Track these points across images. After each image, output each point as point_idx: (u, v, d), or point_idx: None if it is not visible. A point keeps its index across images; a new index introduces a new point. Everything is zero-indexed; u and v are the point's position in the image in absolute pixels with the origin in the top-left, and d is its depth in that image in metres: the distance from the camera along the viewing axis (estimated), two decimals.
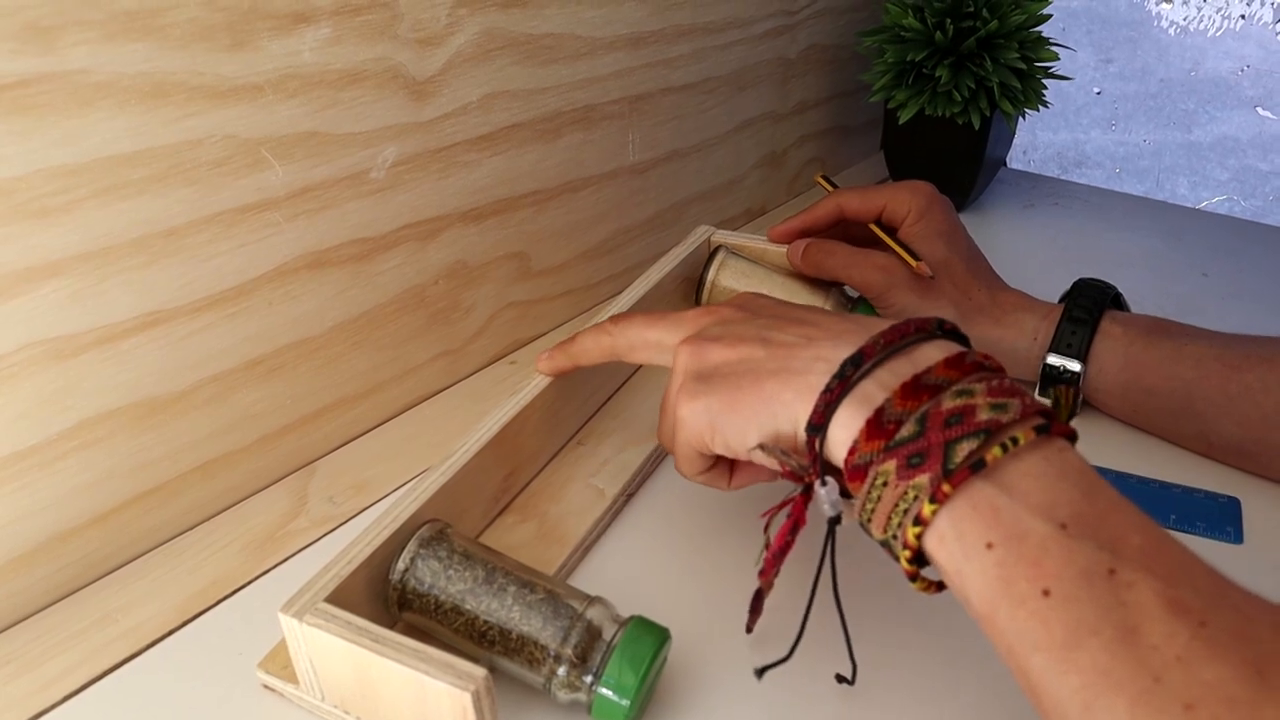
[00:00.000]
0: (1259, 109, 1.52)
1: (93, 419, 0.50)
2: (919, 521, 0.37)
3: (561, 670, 0.43)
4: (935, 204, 0.70)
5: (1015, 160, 1.14)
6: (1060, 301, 0.67)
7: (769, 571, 0.46)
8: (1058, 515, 0.35)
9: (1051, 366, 0.64)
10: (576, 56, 0.69)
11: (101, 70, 0.45)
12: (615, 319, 0.53)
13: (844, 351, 0.42)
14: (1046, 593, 0.33)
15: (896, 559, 0.39)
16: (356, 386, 0.63)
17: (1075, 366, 0.64)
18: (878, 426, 0.38)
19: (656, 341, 0.51)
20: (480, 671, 0.38)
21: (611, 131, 0.75)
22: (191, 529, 0.56)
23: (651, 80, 0.77)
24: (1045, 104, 0.94)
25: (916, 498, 0.37)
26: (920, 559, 0.38)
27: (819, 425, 0.40)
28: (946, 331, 0.43)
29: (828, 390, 0.40)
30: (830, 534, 0.43)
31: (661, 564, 0.54)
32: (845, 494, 0.42)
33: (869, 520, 0.39)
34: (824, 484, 0.42)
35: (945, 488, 0.36)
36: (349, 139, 0.57)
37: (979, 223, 1.00)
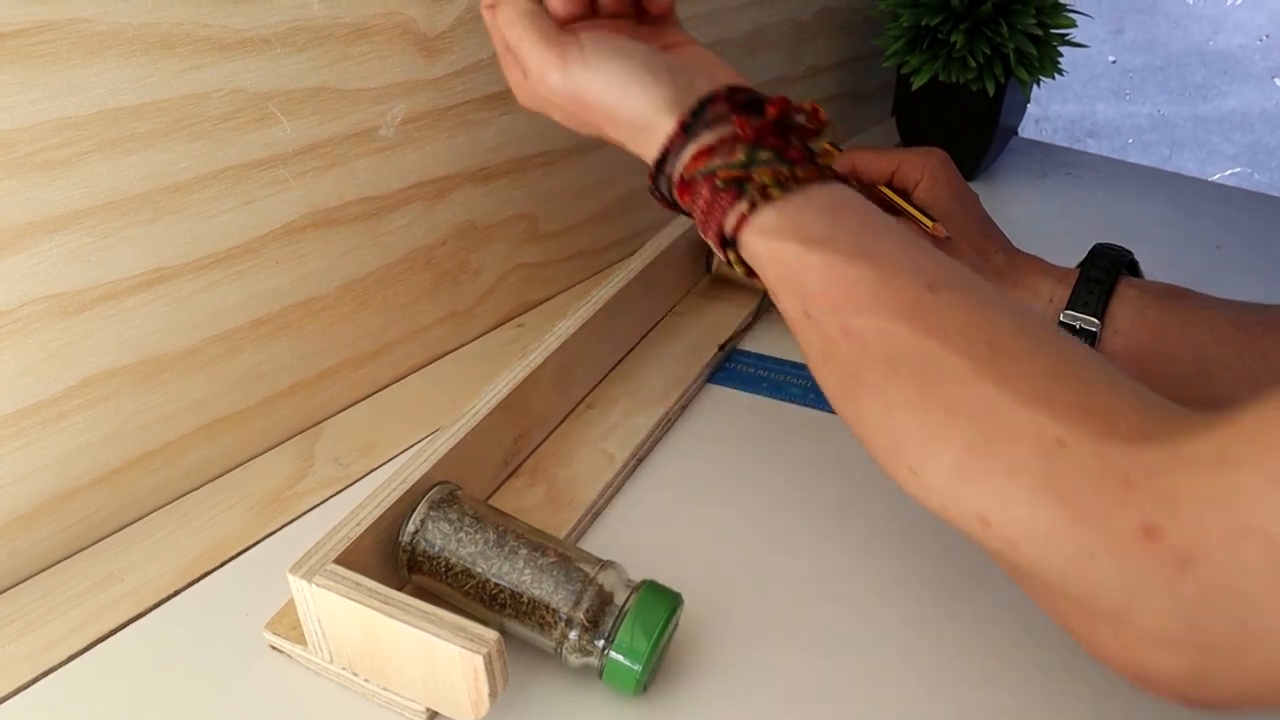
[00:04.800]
0: (1277, 80, 1.50)
1: (97, 376, 0.49)
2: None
3: (573, 634, 0.42)
4: (949, 169, 0.69)
5: (1027, 130, 1.13)
6: (1077, 267, 0.66)
7: None
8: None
9: (1067, 326, 0.64)
10: None
11: (105, 19, 0.44)
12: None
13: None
14: None
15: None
16: (363, 347, 0.62)
17: (1092, 325, 0.63)
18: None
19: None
20: (492, 634, 0.38)
21: None
22: (197, 489, 0.56)
23: None
24: (1061, 71, 0.93)
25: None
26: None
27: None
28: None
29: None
30: None
31: (671, 529, 0.54)
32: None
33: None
34: None
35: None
36: (358, 95, 0.56)
37: (991, 191, 0.99)
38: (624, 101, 0.45)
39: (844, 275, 0.39)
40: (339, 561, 0.41)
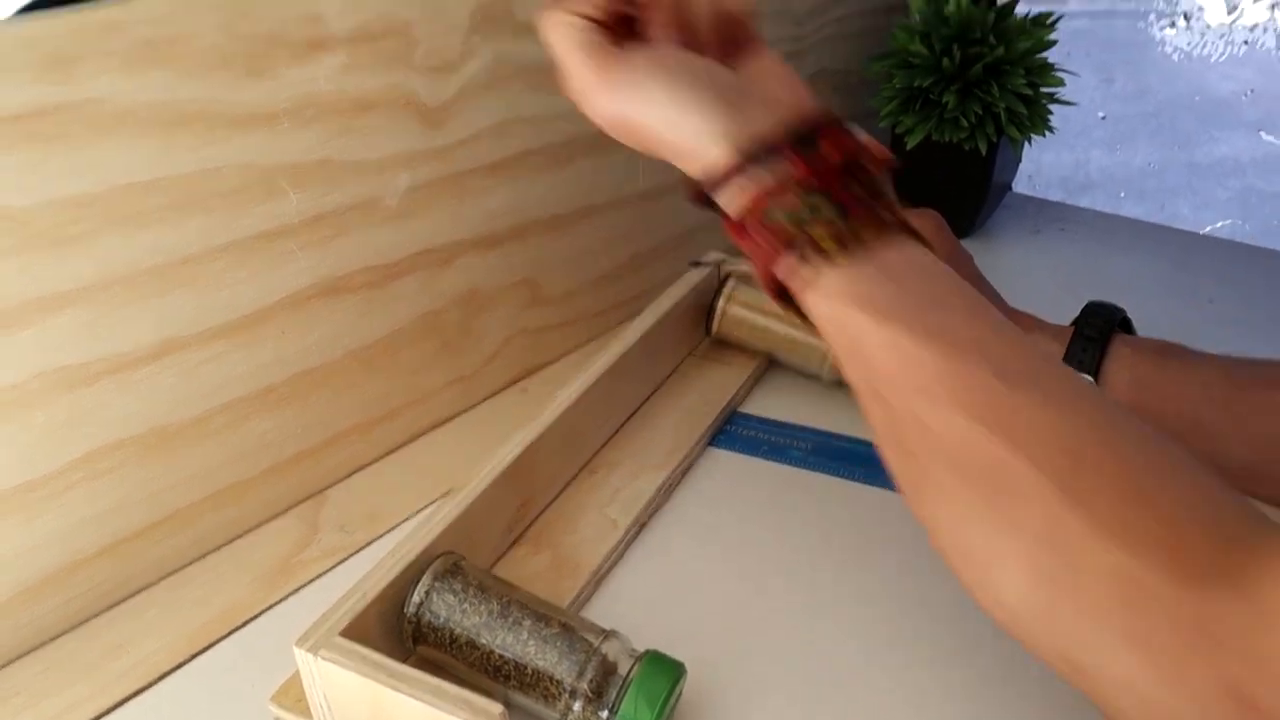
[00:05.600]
0: (1261, 133, 1.53)
1: (104, 448, 0.50)
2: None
3: (577, 705, 0.42)
4: (944, 232, 0.70)
5: (1021, 184, 1.15)
6: (1071, 324, 0.67)
7: None
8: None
9: None
10: None
11: (120, 99, 0.45)
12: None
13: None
14: None
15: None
16: (368, 413, 0.63)
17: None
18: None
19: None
20: (496, 708, 0.38)
21: (622, 158, 0.75)
22: (202, 558, 0.56)
23: None
24: (1051, 129, 0.94)
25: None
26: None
27: None
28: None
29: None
30: None
31: (674, 595, 0.54)
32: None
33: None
34: None
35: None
36: (363, 166, 0.57)
37: (986, 248, 1.00)
38: (673, 131, 0.43)
39: (912, 356, 0.37)
40: (344, 634, 0.41)
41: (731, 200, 0.42)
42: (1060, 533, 0.32)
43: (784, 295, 0.42)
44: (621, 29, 0.47)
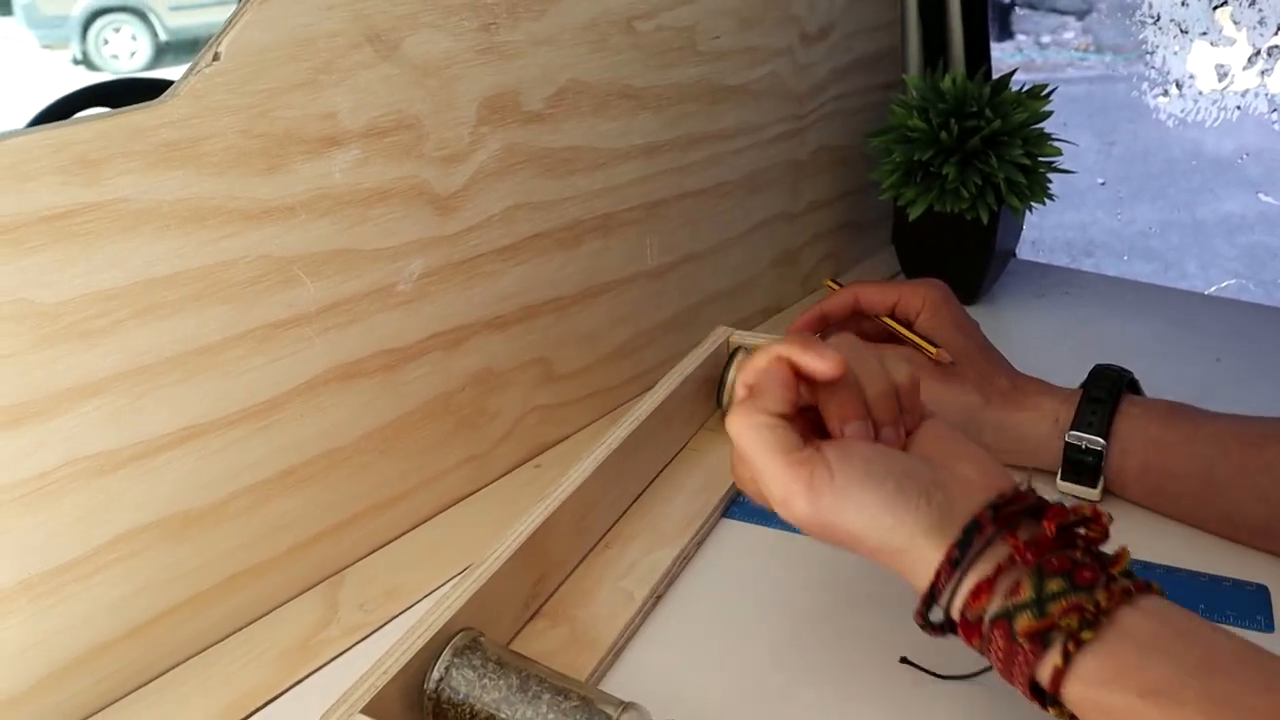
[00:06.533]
0: (1260, 194, 1.55)
1: (129, 533, 0.51)
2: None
3: None
4: (949, 300, 0.72)
5: (1024, 250, 1.16)
6: (1079, 387, 0.68)
7: None
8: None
9: (1073, 446, 0.64)
10: (594, 167, 0.72)
11: (143, 198, 0.48)
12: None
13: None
14: None
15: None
16: (385, 493, 0.64)
17: (1098, 444, 0.64)
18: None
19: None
20: None
21: (629, 237, 0.77)
22: (224, 639, 0.57)
23: (667, 187, 0.79)
24: (1051, 197, 0.96)
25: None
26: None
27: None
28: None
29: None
30: None
31: (692, 666, 0.54)
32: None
33: None
34: None
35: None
36: (377, 254, 0.59)
37: (991, 314, 1.01)
38: (882, 534, 0.42)
39: None
40: (365, 711, 0.42)
41: (958, 600, 0.41)
42: None
43: (1039, 691, 0.39)
44: (802, 420, 0.47)
